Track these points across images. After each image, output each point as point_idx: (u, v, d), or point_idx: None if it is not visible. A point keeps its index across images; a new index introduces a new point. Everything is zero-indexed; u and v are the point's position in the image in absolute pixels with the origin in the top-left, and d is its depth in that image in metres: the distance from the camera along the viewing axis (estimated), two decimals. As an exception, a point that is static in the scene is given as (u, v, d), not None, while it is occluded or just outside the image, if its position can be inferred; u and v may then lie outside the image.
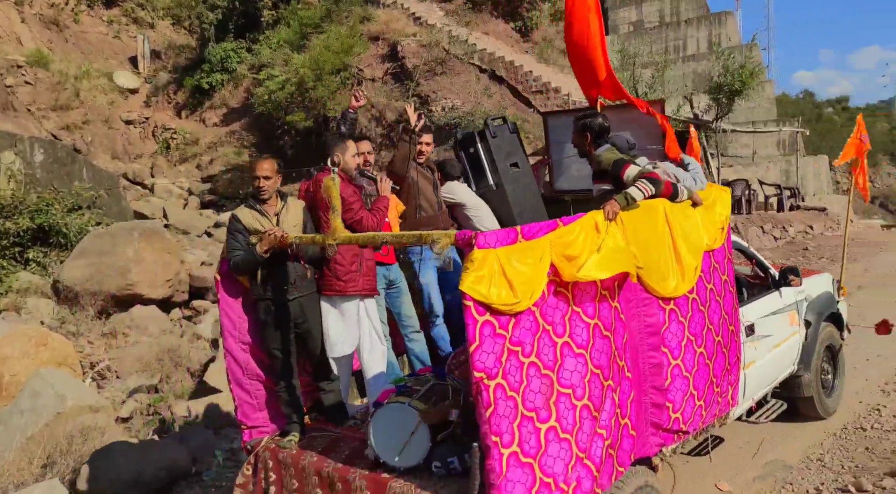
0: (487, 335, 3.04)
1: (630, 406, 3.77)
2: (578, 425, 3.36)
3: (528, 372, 3.17)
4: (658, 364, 4.04)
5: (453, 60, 23.06)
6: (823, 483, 4.96)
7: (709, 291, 4.45)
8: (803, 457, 5.41)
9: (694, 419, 4.28)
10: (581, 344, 3.45)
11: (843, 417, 6.03)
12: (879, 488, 4.72)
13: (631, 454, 3.76)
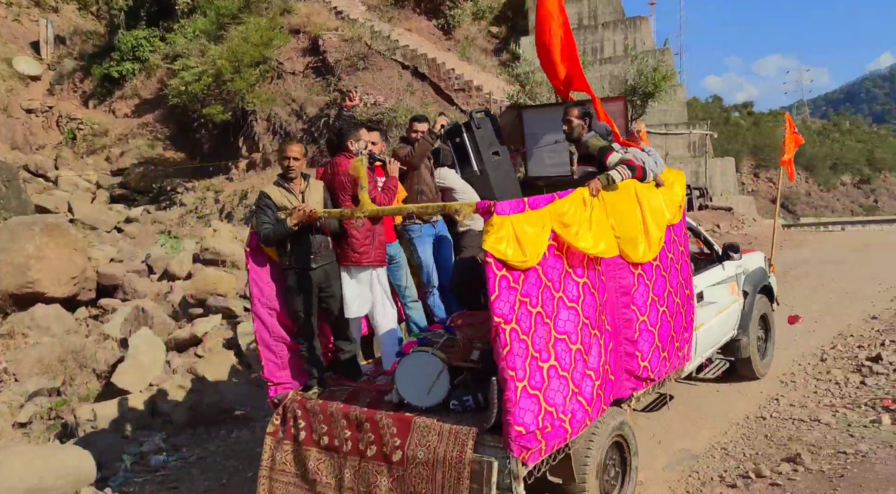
0: (504, 287, 3.66)
1: (609, 354, 4.45)
2: (573, 365, 4.06)
3: (534, 319, 3.83)
4: (629, 319, 4.74)
5: (376, 56, 22.89)
6: (727, 470, 5.18)
7: (669, 260, 5.22)
8: (709, 446, 5.64)
9: (659, 368, 5.00)
10: (573, 299, 4.13)
11: (745, 407, 6.32)
12: (776, 473, 4.97)
13: (611, 395, 4.46)
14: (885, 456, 4.98)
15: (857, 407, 6.02)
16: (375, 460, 4.15)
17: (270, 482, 4.52)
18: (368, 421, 4.20)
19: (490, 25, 28.37)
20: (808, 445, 5.37)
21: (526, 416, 3.70)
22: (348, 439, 4.26)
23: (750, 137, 54.35)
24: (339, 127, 5.40)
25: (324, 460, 4.35)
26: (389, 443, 4.11)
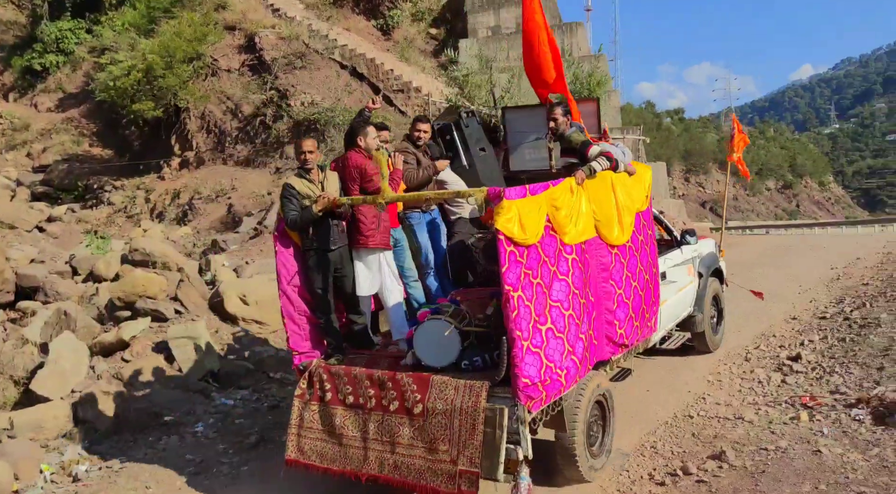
0: (512, 260, 4.34)
1: (593, 321, 5.20)
2: (567, 328, 4.77)
3: (535, 288, 4.52)
4: (608, 292, 5.49)
5: (313, 55, 22.61)
6: (656, 468, 5.31)
7: (639, 242, 6.01)
8: (639, 445, 5.77)
9: (632, 335, 5.80)
10: (564, 272, 4.85)
11: (673, 406, 6.49)
12: (703, 470, 5.12)
13: (594, 357, 5.20)
14: (802, 452, 5.20)
15: (778, 405, 6.26)
16: (397, 414, 4.75)
17: (299, 438, 5.11)
18: (390, 381, 4.80)
19: (429, 27, 28.40)
20: (733, 442, 5.55)
21: (530, 370, 4.39)
22: (372, 397, 4.85)
23: (681, 143, 56.17)
24: (351, 125, 5.85)
25: (349, 416, 4.94)
26: (410, 398, 4.71)
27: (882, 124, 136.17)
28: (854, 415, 5.72)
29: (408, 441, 4.69)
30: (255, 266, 10.95)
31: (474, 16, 27.22)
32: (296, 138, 5.87)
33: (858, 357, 6.97)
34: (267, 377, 8.14)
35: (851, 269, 10.36)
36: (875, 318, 7.79)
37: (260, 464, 5.98)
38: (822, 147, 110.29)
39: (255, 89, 21.86)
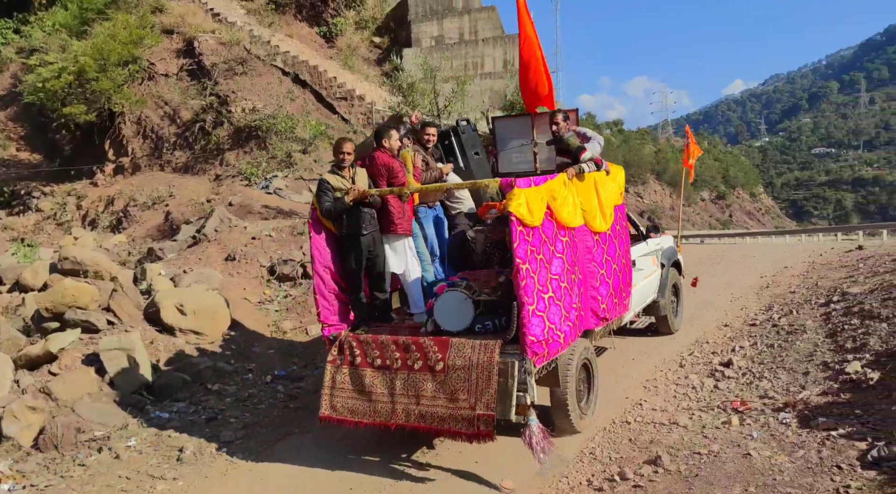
0: (521, 238, 5.29)
1: (582, 295, 6.23)
2: (563, 298, 5.77)
3: (539, 263, 5.48)
4: (593, 271, 6.51)
5: (255, 61, 22.32)
6: (594, 474, 5.40)
7: (616, 231, 7.13)
8: (578, 451, 5.86)
9: (611, 310, 6.84)
10: (560, 251, 5.87)
11: (611, 412, 6.62)
12: (639, 475, 5.24)
13: (583, 326, 6.24)
14: (733, 455, 5.36)
15: (711, 410, 6.44)
16: (421, 372, 5.61)
17: (332, 398, 5.88)
18: (414, 344, 5.68)
19: (373, 36, 28.37)
20: (668, 447, 5.68)
21: (536, 330, 5.31)
22: (398, 359, 5.70)
23: (620, 154, 57.37)
24: (377, 129, 6.65)
25: (377, 376, 5.76)
26: (432, 358, 5.58)
27: (808, 138, 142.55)
28: (781, 419, 5.94)
29: (431, 394, 5.55)
30: (193, 274, 10.69)
31: (418, 25, 27.33)
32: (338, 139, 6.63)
33: (786, 362, 7.24)
34: (205, 389, 7.95)
35: (779, 278, 10.78)
36: (801, 325, 8.11)
37: (196, 480, 5.82)
38: (753, 159, 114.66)
39: (195, 94, 21.43)
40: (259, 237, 12.53)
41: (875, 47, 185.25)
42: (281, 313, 10.51)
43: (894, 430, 5.27)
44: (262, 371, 8.68)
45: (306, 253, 11.99)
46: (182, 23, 23.28)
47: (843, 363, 6.77)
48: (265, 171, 18.61)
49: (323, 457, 6.09)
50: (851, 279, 9.34)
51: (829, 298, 8.73)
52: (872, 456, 4.89)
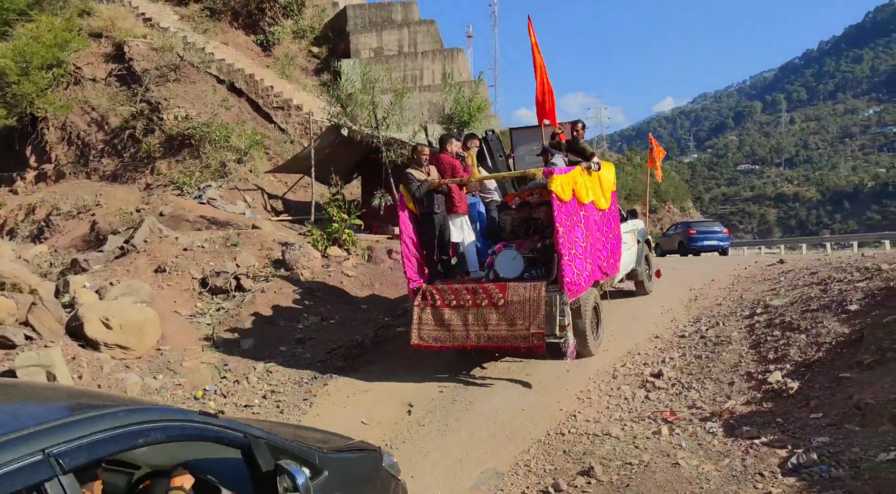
0: (559, 210, 7.52)
1: (593, 255, 8.52)
2: (583, 254, 8.06)
3: (568, 228, 7.69)
4: (598, 238, 8.85)
5: (188, 68, 21.82)
6: (529, 486, 5.44)
7: (611, 210, 9.62)
8: (513, 464, 5.89)
9: (609, 269, 9.23)
10: (580, 221, 8.16)
11: (546, 424, 6.68)
12: (573, 486, 5.30)
13: (593, 278, 8.45)
14: (663, 465, 5.49)
15: (642, 420, 6.58)
16: (487, 307, 7.76)
17: (419, 331, 7.91)
18: (480, 289, 7.85)
19: (311, 45, 28.14)
20: (601, 458, 5.77)
21: (570, 274, 7.57)
22: (468, 299, 7.85)
23: (556, 168, 58.56)
24: (442, 136, 9.17)
25: (454, 313, 7.89)
26: (495, 297, 7.73)
27: (734, 155, 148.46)
28: (708, 428, 6.11)
29: (496, 322, 7.69)
30: (120, 287, 10.31)
31: (357, 36, 27.27)
32: (417, 144, 9.42)
33: (713, 373, 7.47)
34: (130, 406, 7.65)
35: (707, 290, 11.11)
36: (727, 336, 8.38)
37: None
38: (683, 174, 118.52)
39: (124, 101, 20.78)
40: (191, 248, 12.20)
41: (794, 70, 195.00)
42: (213, 326, 10.24)
43: (812, 438, 5.49)
44: (193, 386, 8.43)
45: (241, 265, 11.74)
46: (111, 27, 22.58)
47: (765, 373, 7.02)
48: (198, 181, 18.17)
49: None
50: (773, 292, 9.72)
51: (752, 310, 9.05)
52: (792, 463, 5.08)
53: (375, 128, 15.50)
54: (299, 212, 18.14)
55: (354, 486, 3.41)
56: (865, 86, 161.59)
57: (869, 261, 9.79)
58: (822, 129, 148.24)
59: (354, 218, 13.34)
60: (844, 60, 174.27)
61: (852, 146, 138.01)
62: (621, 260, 9.90)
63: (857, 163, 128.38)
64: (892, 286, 7.68)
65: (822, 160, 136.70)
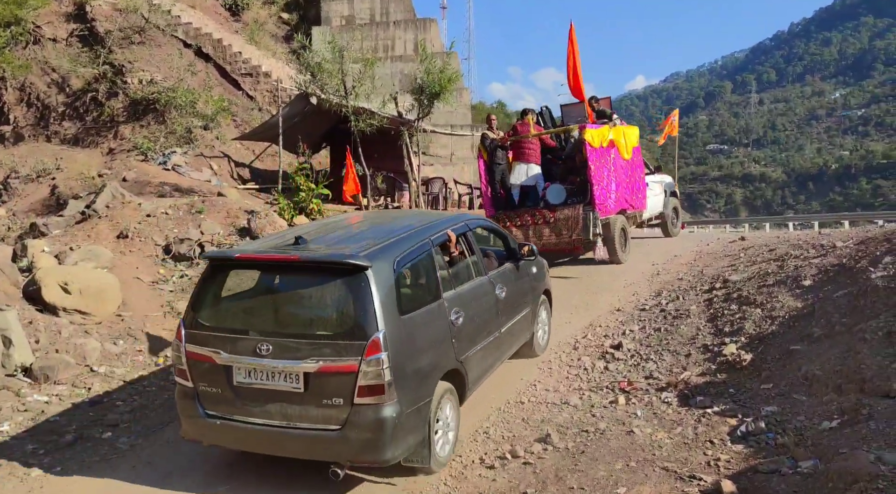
0: (591, 153, 11.28)
1: (617, 191, 12.05)
2: (609, 187, 11.73)
3: (598, 167, 11.41)
4: (622, 179, 12.27)
5: (154, 30, 21.29)
6: (487, 452, 5.53)
7: (634, 161, 12.89)
8: (473, 431, 5.98)
9: (633, 203, 12.68)
10: (607, 164, 11.75)
11: (506, 393, 6.78)
12: (529, 452, 5.40)
13: (619, 206, 12.10)
14: (618, 433, 5.62)
15: (600, 390, 6.72)
16: (542, 224, 11.38)
17: None
18: (537, 212, 11.53)
19: (281, 11, 27.60)
20: (558, 426, 5.89)
21: (599, 198, 11.19)
22: (529, 220, 11.50)
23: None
24: (522, 110, 12.62)
25: (518, 230, 11.42)
26: (547, 216, 11.39)
27: (703, 135, 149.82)
28: (663, 398, 6.27)
29: (548, 234, 11.40)
30: (81, 252, 10.12)
31: (328, 4, 26.80)
32: (488, 114, 14.03)
33: (670, 345, 7.63)
34: (90, 370, 7.58)
35: (669, 265, 11.30)
36: (686, 310, 8.55)
37: (76, 464, 5.56)
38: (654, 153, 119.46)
39: (86, 63, 20.22)
40: (155, 214, 12.01)
41: (764, 51, 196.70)
42: (176, 294, 10.13)
43: (761, 407, 5.67)
44: (154, 352, 8.37)
45: (206, 232, 11.61)
46: (74, -15, 21.87)
47: (721, 345, 7.20)
48: (163, 147, 17.84)
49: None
50: (733, 267, 9.92)
51: (712, 285, 9.23)
52: (741, 431, 5.24)
53: (345, 97, 15.33)
54: (266, 180, 17.93)
55: (544, 265, 8.08)
56: (833, 69, 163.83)
57: (825, 239, 10.03)
58: (790, 111, 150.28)
59: (322, 187, 13.23)
60: (814, 43, 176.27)
61: (818, 128, 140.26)
62: (647, 202, 13.48)
63: (822, 145, 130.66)
64: (844, 263, 7.89)
65: (788, 141, 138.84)
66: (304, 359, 4.49)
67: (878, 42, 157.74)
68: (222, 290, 5.13)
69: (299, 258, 4.81)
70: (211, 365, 4.75)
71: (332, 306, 4.75)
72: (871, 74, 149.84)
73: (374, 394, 4.45)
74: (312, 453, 4.71)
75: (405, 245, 5.13)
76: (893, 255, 7.18)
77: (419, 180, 17.52)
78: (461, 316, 5.41)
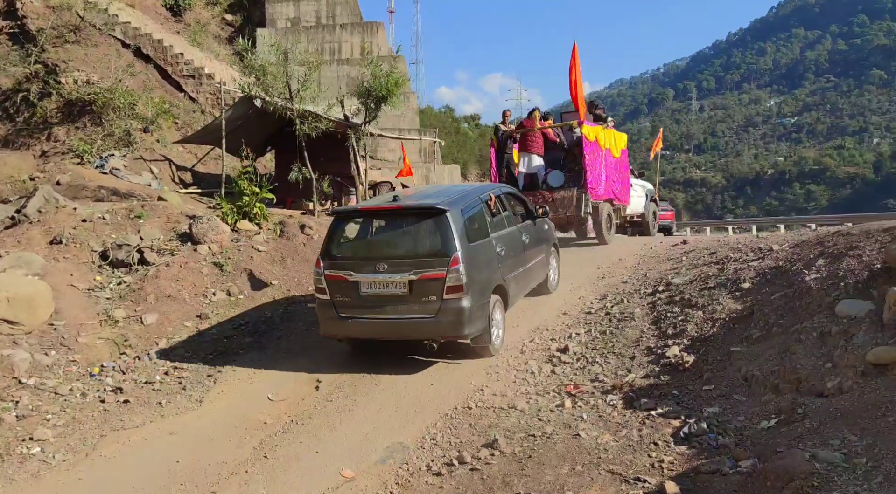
0: (587, 147, 13.64)
1: (605, 182, 14.37)
2: (599, 177, 14.04)
3: (591, 158, 13.70)
4: (611, 175, 14.68)
5: (90, 29, 20.58)
6: (434, 459, 5.48)
7: (621, 161, 15.65)
8: (420, 438, 5.93)
9: (618, 196, 15.14)
10: (599, 158, 14.10)
11: (454, 399, 6.75)
12: (477, 458, 5.38)
13: (607, 195, 14.39)
14: (564, 436, 5.65)
15: (547, 394, 6.74)
16: (542, 203, 12.26)
17: None
18: (538, 192, 13.64)
19: (225, 12, 27.08)
20: (505, 430, 5.88)
21: (591, 183, 13.47)
22: (531, 200, 11.18)
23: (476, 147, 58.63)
24: (531, 110, 14.97)
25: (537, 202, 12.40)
26: (547, 197, 13.48)
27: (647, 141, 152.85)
28: (609, 401, 6.33)
29: (551, 210, 11.86)
30: (9, 259, 9.68)
31: (273, 5, 26.43)
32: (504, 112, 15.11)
33: (616, 348, 7.72)
34: (18, 383, 7.24)
35: (614, 269, 11.45)
36: (630, 313, 8.68)
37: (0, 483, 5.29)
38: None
39: (17, 61, 19.40)
40: (91, 219, 11.58)
41: (704, 59, 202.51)
42: (114, 301, 9.79)
43: (703, 408, 5.77)
44: (88, 362, 8.05)
45: (145, 237, 11.25)
46: (3, -19, 20.98)
47: (664, 347, 7.32)
48: (101, 149, 17.22)
49: (153, 456, 5.74)
50: (675, 270, 10.12)
51: (655, 288, 9.40)
52: (684, 433, 5.32)
53: (289, 100, 15.09)
54: (209, 184, 17.50)
55: (552, 225, 10.93)
56: (768, 78, 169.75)
57: (762, 243, 10.33)
58: (729, 118, 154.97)
59: (266, 191, 12.98)
60: (750, 52, 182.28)
61: (755, 135, 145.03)
62: (630, 200, 15.97)
63: (759, 151, 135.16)
64: (780, 266, 8.13)
65: (727, 147, 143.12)
66: (409, 272, 7.04)
67: (809, 53, 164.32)
68: (345, 233, 7.90)
69: (402, 206, 7.57)
70: (344, 282, 7.24)
71: (426, 237, 7.28)
72: (803, 83, 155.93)
73: (456, 292, 7.02)
74: (417, 334, 7.35)
75: (466, 199, 7.83)
76: (826, 258, 7.43)
77: (366, 184, 17.38)
78: (503, 250, 8.04)
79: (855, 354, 5.52)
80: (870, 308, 5.89)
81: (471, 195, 8.07)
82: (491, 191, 8.66)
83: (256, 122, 16.85)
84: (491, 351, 7.64)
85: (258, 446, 6.05)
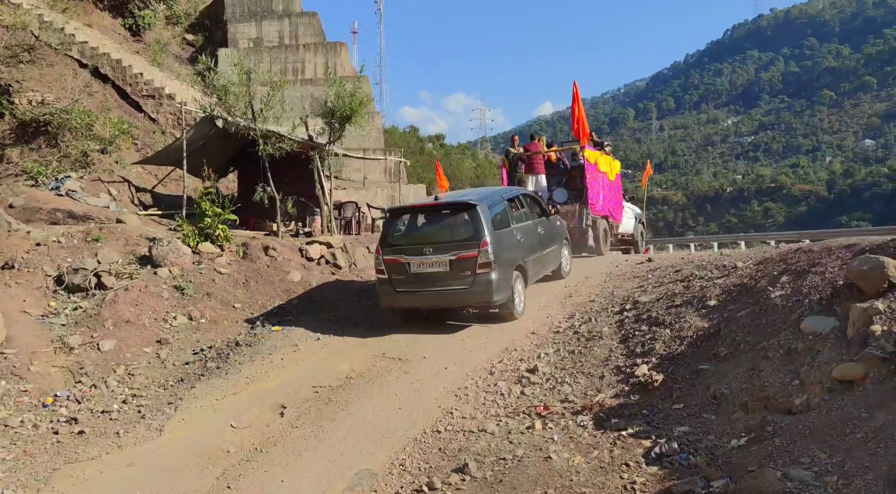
0: (588, 167, 15.74)
1: (603, 199, 16.39)
2: (598, 196, 16.05)
3: (593, 181, 15.83)
4: (608, 195, 16.76)
5: (45, 49, 20.15)
6: (403, 486, 5.35)
7: (616, 184, 17.71)
8: (389, 464, 5.79)
9: (613, 214, 17.16)
10: (598, 180, 16.19)
11: (423, 423, 6.62)
12: (447, 484, 5.26)
13: (604, 212, 16.48)
14: (536, 459, 5.56)
15: (517, 415, 6.66)
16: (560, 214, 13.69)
17: None
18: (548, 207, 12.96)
19: (185, 32, 26.80)
20: (475, 454, 5.78)
21: (592, 199, 15.58)
22: None
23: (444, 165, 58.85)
24: (532, 134, 17.14)
25: None
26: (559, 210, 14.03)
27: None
28: (579, 421, 6.27)
29: None
30: (-43, 286, 9.32)
31: (235, 26, 26.25)
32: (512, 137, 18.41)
33: (585, 367, 7.68)
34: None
35: (581, 287, 11.45)
36: (598, 332, 8.66)
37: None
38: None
39: (-31, 81, 18.87)
40: (46, 243, 11.22)
41: (663, 80, 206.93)
42: (69, 327, 9.46)
43: (674, 427, 5.74)
44: (41, 392, 7.73)
45: (103, 261, 10.93)
46: (-46, -1, 20.47)
47: (633, 366, 7.30)
48: (56, 171, 16.79)
49: (109, 490, 5.50)
50: (642, 288, 10.15)
51: (622, 306, 9.41)
52: (655, 453, 5.28)
53: (252, 120, 14.91)
54: (170, 206, 17.16)
55: (564, 223, 13.19)
56: (725, 98, 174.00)
57: (727, 260, 10.43)
58: (688, 137, 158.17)
59: (229, 212, 12.74)
60: (707, 73, 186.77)
61: (714, 153, 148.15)
62: (622, 221, 17.84)
63: (718, 169, 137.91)
64: (745, 283, 8.20)
65: (687, 166, 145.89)
66: (448, 253, 9.08)
67: (764, 74, 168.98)
68: (397, 226, 10.01)
69: (442, 203, 9.75)
70: (398, 264, 9.25)
71: (461, 225, 9.33)
72: (759, 103, 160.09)
73: (485, 268, 9.03)
74: (455, 302, 9.52)
75: (493, 197, 10.05)
76: (789, 275, 7.51)
77: (331, 204, 17.22)
78: (522, 238, 10.16)
79: (821, 371, 5.55)
80: (834, 324, 5.95)
81: (496, 194, 10.40)
82: (512, 192, 11.28)
83: (218, 143, 16.62)
84: (515, 315, 9.59)
85: (221, 476, 5.85)
